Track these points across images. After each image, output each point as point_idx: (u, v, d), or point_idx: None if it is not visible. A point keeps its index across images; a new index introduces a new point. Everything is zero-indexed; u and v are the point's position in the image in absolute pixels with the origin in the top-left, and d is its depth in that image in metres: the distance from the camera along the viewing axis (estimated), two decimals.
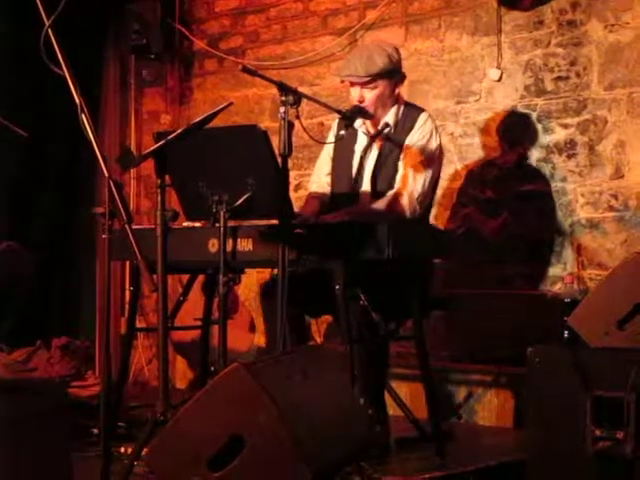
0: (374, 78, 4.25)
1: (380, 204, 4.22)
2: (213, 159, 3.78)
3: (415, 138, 4.29)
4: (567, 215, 5.06)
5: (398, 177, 4.28)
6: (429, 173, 4.29)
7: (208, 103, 6.54)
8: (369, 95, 4.28)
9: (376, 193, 4.31)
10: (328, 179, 4.55)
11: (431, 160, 4.30)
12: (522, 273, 5.20)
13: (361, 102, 4.28)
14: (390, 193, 4.27)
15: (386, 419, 4.27)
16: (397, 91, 4.37)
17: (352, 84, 4.31)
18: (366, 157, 4.39)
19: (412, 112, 4.37)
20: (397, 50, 4.41)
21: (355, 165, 4.40)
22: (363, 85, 4.27)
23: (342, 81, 4.41)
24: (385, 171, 4.32)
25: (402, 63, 4.44)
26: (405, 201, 4.21)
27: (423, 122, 4.32)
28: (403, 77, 4.40)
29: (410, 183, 4.23)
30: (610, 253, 4.92)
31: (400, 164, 4.29)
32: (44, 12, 3.09)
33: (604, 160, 4.96)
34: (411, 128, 4.31)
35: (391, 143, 4.33)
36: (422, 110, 4.41)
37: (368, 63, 4.25)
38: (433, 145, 4.31)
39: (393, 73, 4.31)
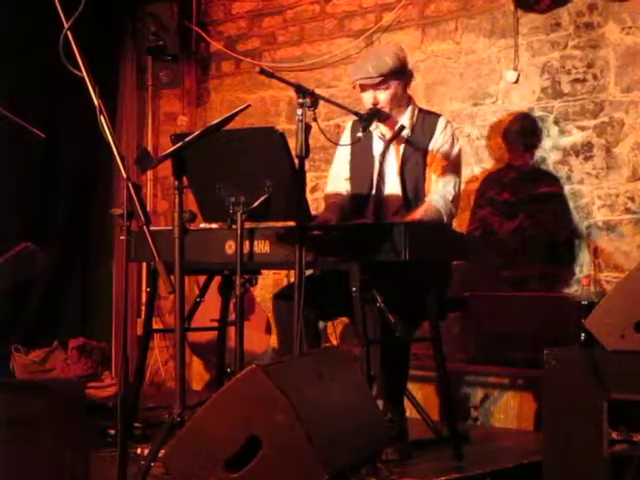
0: (386, 78, 4.26)
1: (420, 214, 4.19)
2: (230, 161, 3.78)
3: (439, 144, 4.32)
4: (584, 217, 5.06)
5: (428, 185, 4.31)
6: (457, 176, 4.36)
7: (225, 105, 6.56)
8: (382, 96, 4.29)
9: (406, 195, 4.33)
10: (347, 184, 4.54)
11: (457, 164, 4.37)
12: (538, 275, 5.19)
13: (376, 105, 4.28)
14: (425, 200, 4.28)
15: (404, 421, 4.27)
16: (408, 90, 4.39)
17: (363, 88, 4.32)
18: (385, 161, 4.40)
19: (430, 117, 4.41)
20: (402, 49, 4.46)
21: (375, 169, 4.40)
22: (376, 87, 4.28)
23: (354, 87, 4.41)
24: (410, 174, 4.34)
25: (410, 62, 4.46)
26: (440, 204, 4.23)
27: (444, 127, 4.35)
28: (411, 75, 4.42)
29: (441, 187, 4.28)
30: (627, 255, 4.91)
31: (428, 171, 4.32)
32: (63, 14, 3.10)
33: (621, 162, 4.95)
34: (432, 133, 4.34)
35: (411, 146, 4.35)
36: (439, 115, 4.45)
37: (378, 63, 4.27)
38: (456, 150, 4.38)
39: (402, 72, 4.34)
